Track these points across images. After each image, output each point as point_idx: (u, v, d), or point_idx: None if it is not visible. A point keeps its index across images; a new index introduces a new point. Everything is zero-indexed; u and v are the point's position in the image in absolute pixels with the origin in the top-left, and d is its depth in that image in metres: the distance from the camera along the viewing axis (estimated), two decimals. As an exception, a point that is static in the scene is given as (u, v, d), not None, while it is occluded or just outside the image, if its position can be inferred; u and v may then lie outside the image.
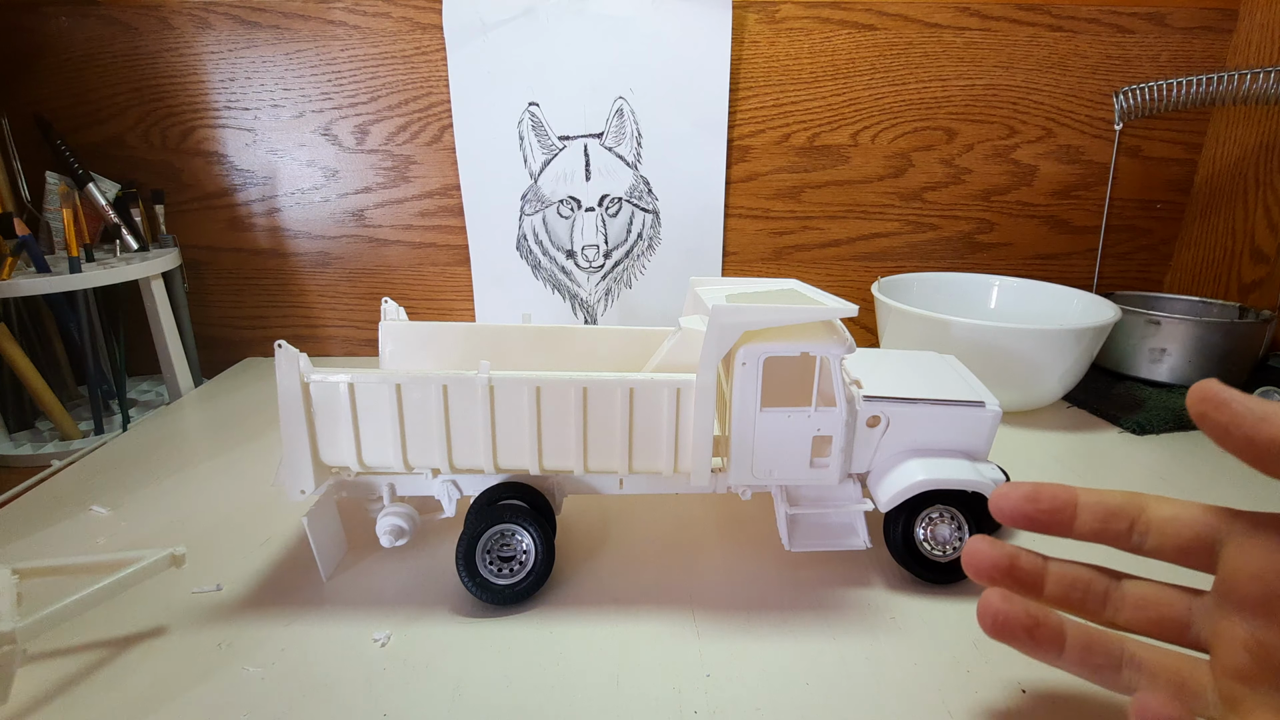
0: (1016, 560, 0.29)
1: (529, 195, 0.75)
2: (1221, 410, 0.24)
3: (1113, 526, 0.27)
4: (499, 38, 0.70)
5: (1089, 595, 0.29)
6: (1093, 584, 0.29)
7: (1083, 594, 0.29)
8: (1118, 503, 0.28)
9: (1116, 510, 0.28)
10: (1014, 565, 0.29)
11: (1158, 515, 0.27)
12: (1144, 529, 0.27)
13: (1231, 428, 0.24)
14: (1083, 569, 0.29)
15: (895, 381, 0.42)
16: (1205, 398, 0.25)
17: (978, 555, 0.29)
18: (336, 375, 0.36)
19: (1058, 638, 0.28)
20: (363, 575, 0.41)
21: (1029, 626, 0.28)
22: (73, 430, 0.63)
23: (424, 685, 0.33)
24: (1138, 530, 0.27)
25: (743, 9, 0.71)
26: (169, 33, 0.70)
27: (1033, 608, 0.28)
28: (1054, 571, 0.29)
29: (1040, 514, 0.28)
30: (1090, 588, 0.29)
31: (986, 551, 0.29)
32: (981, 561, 0.29)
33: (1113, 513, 0.28)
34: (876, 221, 0.79)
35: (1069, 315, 0.66)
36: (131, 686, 0.32)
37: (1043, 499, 0.28)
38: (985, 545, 0.29)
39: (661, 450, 0.38)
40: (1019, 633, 0.28)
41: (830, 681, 0.33)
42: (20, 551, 0.43)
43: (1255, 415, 0.24)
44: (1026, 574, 0.29)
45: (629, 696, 0.32)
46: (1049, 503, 0.28)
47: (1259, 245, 0.73)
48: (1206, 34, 0.74)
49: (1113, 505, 0.28)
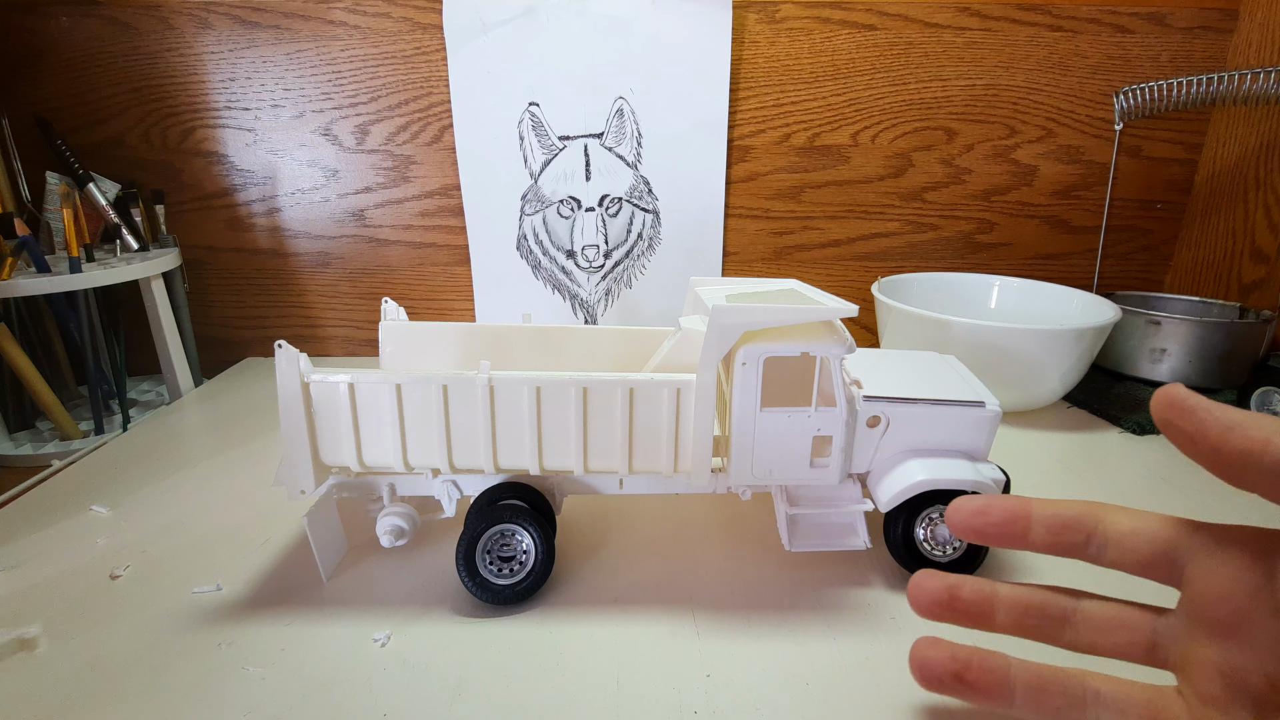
0: (958, 591, 0.28)
1: (529, 195, 0.75)
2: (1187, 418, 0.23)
3: (1067, 539, 0.27)
4: (499, 38, 0.70)
5: (1045, 620, 0.27)
6: (1048, 608, 0.27)
7: (1038, 619, 0.27)
8: (1073, 514, 0.27)
9: (1071, 522, 0.27)
10: (955, 597, 0.28)
11: (1115, 528, 0.26)
12: (1101, 541, 0.26)
13: (1197, 437, 0.23)
14: (1038, 592, 0.28)
15: (895, 381, 0.42)
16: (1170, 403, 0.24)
17: (919, 591, 0.28)
18: (337, 375, 0.36)
19: (1000, 682, 0.27)
20: (363, 575, 0.41)
21: (957, 672, 0.27)
22: (73, 430, 0.63)
23: (424, 685, 0.33)
24: (1095, 543, 0.26)
25: (743, 9, 0.71)
26: (169, 33, 0.70)
27: (962, 651, 0.27)
28: (1005, 598, 0.28)
29: (991, 527, 0.27)
30: (1045, 612, 0.27)
31: (927, 585, 0.28)
32: (921, 597, 0.28)
33: (1067, 525, 0.27)
34: (877, 221, 0.79)
35: (1069, 315, 0.66)
36: (132, 686, 0.32)
37: (993, 512, 0.27)
38: (926, 579, 0.28)
39: (661, 450, 0.38)
40: (949, 680, 0.27)
41: (830, 681, 0.33)
42: (20, 552, 0.43)
43: (1222, 424, 0.23)
44: (972, 604, 0.28)
45: (629, 696, 0.32)
46: (999, 515, 0.27)
47: (1259, 245, 0.72)
48: (1207, 34, 0.74)
49: (1068, 517, 0.27)
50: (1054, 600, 0.28)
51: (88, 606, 0.38)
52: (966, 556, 0.40)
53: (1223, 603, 0.23)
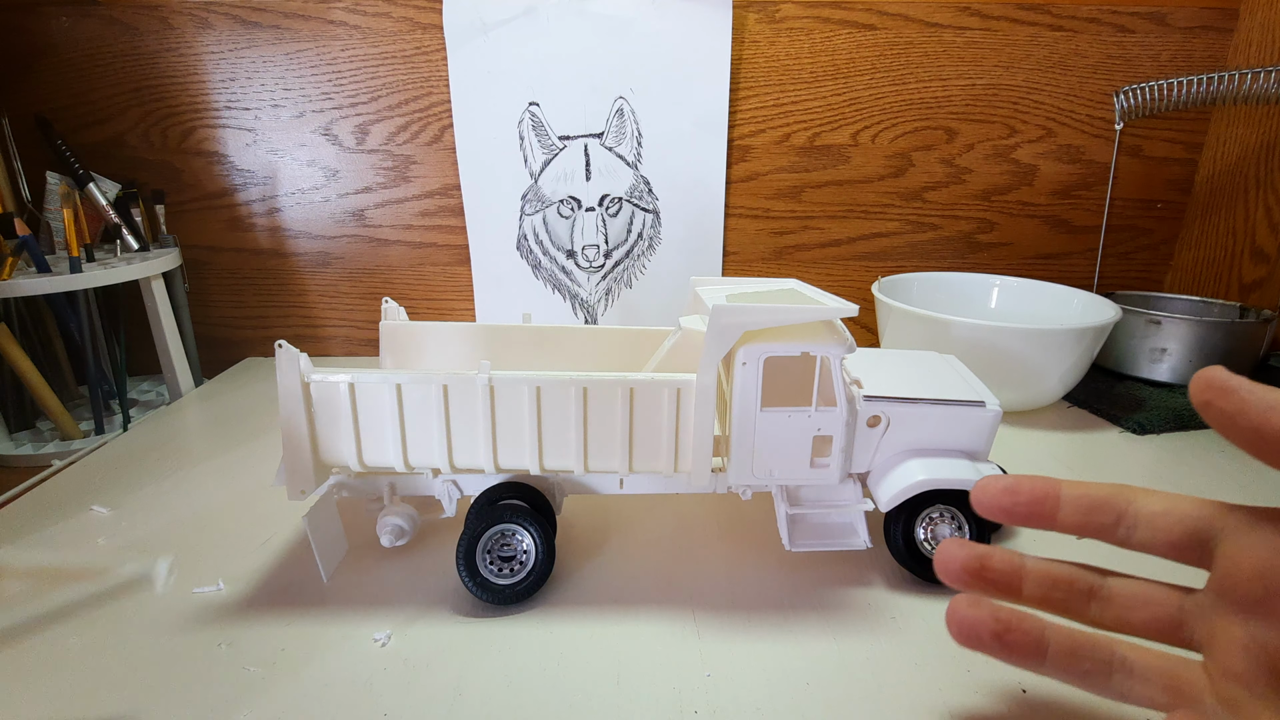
0: (988, 561, 0.28)
1: (529, 195, 0.75)
2: (1228, 398, 0.23)
3: (1097, 519, 0.26)
4: (499, 38, 0.70)
5: (1072, 594, 0.27)
6: (1075, 582, 0.27)
7: (1065, 593, 0.27)
8: (1103, 495, 0.27)
9: (1102, 503, 0.26)
10: (985, 566, 0.28)
11: (1147, 509, 0.26)
12: (1132, 522, 0.26)
13: (1238, 417, 0.23)
14: (1065, 566, 0.28)
15: (895, 381, 0.42)
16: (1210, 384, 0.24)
17: (948, 558, 0.28)
18: (337, 375, 0.36)
19: (1036, 643, 0.27)
20: (363, 575, 0.41)
21: (998, 632, 0.27)
22: (73, 430, 0.63)
23: (424, 685, 0.33)
24: (1125, 524, 0.26)
25: (743, 9, 0.71)
26: (169, 33, 0.70)
27: (1003, 612, 0.27)
28: (1033, 570, 0.28)
29: (1020, 507, 0.27)
30: (1073, 586, 0.27)
31: (956, 553, 0.28)
32: (951, 564, 0.28)
33: (1097, 505, 0.26)
34: (877, 221, 0.79)
35: (1069, 315, 0.66)
36: (132, 686, 0.32)
37: (1022, 491, 0.27)
38: (955, 547, 0.28)
39: (662, 450, 0.38)
40: (988, 639, 0.27)
41: (830, 681, 0.33)
42: (20, 551, 0.43)
43: (1264, 404, 0.22)
44: (1001, 575, 0.28)
45: (629, 696, 0.32)
46: (1029, 495, 0.27)
47: (1259, 245, 0.72)
48: (1207, 33, 0.74)
49: (1098, 498, 0.27)
50: (1081, 576, 0.28)
51: (88, 606, 0.38)
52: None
53: (1256, 580, 0.23)
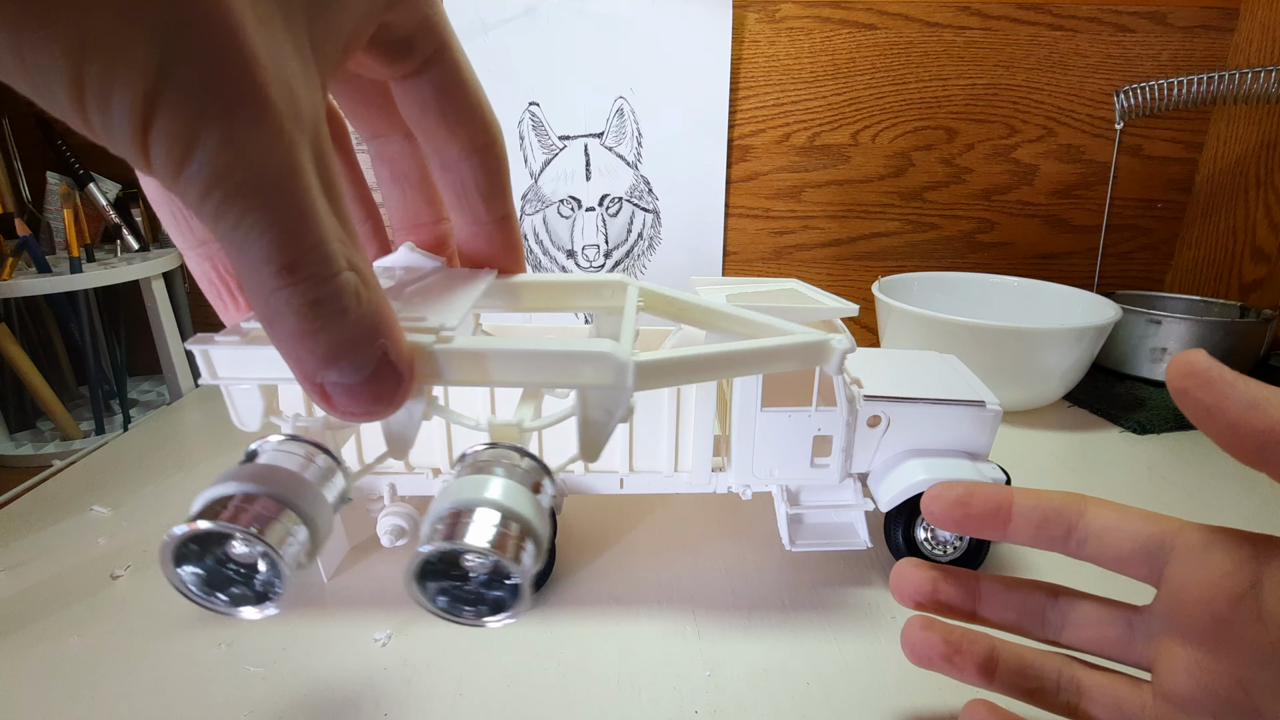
0: (941, 583, 0.28)
1: (529, 195, 0.75)
2: (1206, 389, 0.22)
3: (1048, 532, 0.27)
4: (499, 37, 0.70)
5: (1025, 615, 0.28)
6: (1028, 603, 0.28)
7: (1018, 614, 0.28)
8: (1055, 507, 0.27)
9: (1053, 515, 0.26)
10: (938, 589, 0.28)
11: (1097, 523, 0.26)
12: (1082, 536, 0.26)
13: (1215, 411, 0.21)
14: (1018, 586, 0.28)
15: (896, 381, 0.41)
16: (1190, 371, 0.22)
17: (902, 581, 0.29)
18: (337, 375, 0.36)
19: (984, 663, 0.27)
20: (363, 575, 0.41)
21: (947, 654, 0.27)
22: (74, 430, 0.63)
23: (424, 685, 0.33)
24: (1075, 537, 0.26)
25: (743, 9, 0.71)
26: (169, 33, 0.70)
27: (954, 634, 0.28)
28: (987, 591, 0.28)
29: (971, 517, 0.28)
30: (1025, 607, 0.28)
31: (910, 575, 0.29)
32: (905, 587, 0.29)
33: (1049, 518, 0.26)
34: (877, 221, 0.79)
35: (1070, 315, 0.66)
36: (133, 686, 0.33)
37: (975, 502, 0.27)
38: (910, 569, 0.29)
39: (661, 450, 0.38)
40: (938, 660, 0.28)
41: (830, 681, 0.33)
42: (21, 552, 0.43)
43: (1244, 400, 0.21)
44: (955, 596, 0.28)
45: (629, 696, 0.32)
46: (981, 505, 0.27)
47: (1260, 245, 0.72)
48: (1207, 33, 0.74)
49: (1049, 510, 0.27)
50: (1033, 597, 0.28)
51: (88, 606, 0.38)
52: (968, 555, 0.40)
53: (1201, 607, 0.23)
